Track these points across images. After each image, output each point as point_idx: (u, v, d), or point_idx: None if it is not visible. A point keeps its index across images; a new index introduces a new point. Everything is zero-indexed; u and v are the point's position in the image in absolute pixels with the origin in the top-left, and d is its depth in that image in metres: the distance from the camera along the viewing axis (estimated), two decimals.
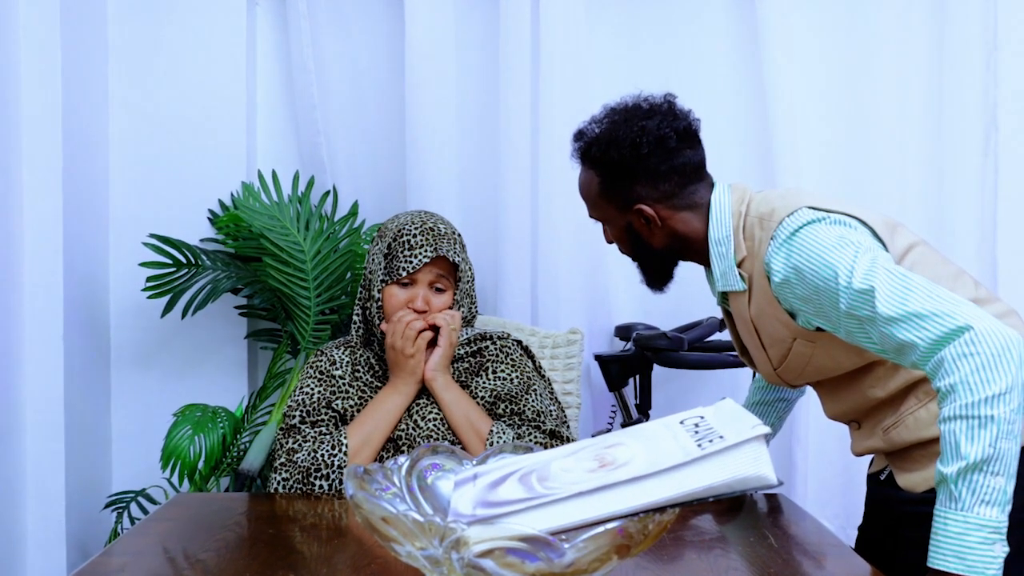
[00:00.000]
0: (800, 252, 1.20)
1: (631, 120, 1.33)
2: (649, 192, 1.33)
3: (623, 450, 0.89)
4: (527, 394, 1.53)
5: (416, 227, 1.51)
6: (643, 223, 1.35)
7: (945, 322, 1.05)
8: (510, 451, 1.03)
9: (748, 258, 1.30)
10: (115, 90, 2.20)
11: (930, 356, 1.06)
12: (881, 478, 1.36)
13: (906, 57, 2.17)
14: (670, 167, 1.32)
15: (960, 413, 1.01)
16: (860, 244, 1.16)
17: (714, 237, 1.33)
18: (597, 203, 1.39)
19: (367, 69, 2.27)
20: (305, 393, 1.51)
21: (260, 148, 2.31)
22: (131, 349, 2.23)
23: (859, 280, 1.12)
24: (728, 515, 1.34)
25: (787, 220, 1.23)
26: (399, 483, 0.96)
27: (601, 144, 1.34)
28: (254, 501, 1.45)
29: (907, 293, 1.08)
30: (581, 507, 0.83)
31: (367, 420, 1.46)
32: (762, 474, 0.82)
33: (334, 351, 1.56)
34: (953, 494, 1.00)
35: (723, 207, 1.33)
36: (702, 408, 0.94)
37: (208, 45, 2.21)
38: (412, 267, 1.48)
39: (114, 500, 2.07)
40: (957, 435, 1.01)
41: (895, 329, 1.08)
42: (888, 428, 1.30)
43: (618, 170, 1.33)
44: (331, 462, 1.42)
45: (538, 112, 2.15)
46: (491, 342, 1.58)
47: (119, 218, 2.21)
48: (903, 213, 2.12)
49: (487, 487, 0.90)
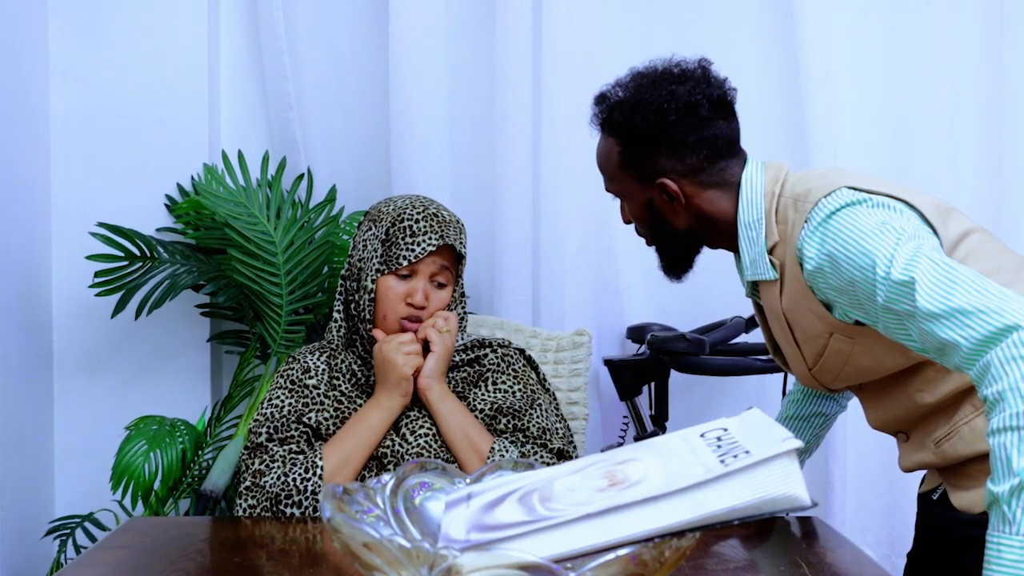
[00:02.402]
0: (836, 237, 1.20)
1: (660, 84, 1.34)
2: (674, 165, 1.35)
3: (636, 467, 0.89)
4: (531, 409, 1.53)
5: (418, 211, 1.51)
6: (665, 200, 1.36)
7: (992, 320, 1.04)
8: (509, 468, 1.04)
9: (780, 244, 1.30)
10: (56, 58, 2.20)
11: (974, 359, 1.06)
12: (934, 498, 1.35)
13: (961, 28, 2.16)
14: (699, 138, 1.34)
15: (1011, 424, 1.01)
16: (903, 231, 1.17)
17: (744, 220, 1.33)
18: (616, 175, 1.40)
19: (346, 36, 2.27)
20: (274, 406, 1.51)
21: (224, 125, 2.30)
22: (77, 353, 2.23)
23: (899, 271, 1.12)
24: (755, 540, 1.35)
25: (824, 201, 1.24)
26: (383, 504, 0.96)
27: (625, 108, 1.35)
28: (218, 526, 1.45)
29: (952, 286, 1.08)
30: (589, 531, 0.84)
31: (346, 439, 1.46)
32: (794, 494, 0.82)
33: (308, 357, 1.56)
34: (1007, 516, 1.00)
35: (755, 187, 1.33)
36: (725, 419, 0.95)
37: (163, 6, 2.20)
38: (415, 256, 1.48)
39: (57, 526, 2.07)
40: (1008, 449, 1.00)
41: (936, 326, 1.09)
42: (940, 440, 1.30)
43: (641, 138, 1.34)
44: (303, 487, 1.41)
45: (540, 85, 2.15)
46: (491, 350, 1.59)
47: (62, 205, 2.21)
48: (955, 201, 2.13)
49: (482, 509, 0.91)
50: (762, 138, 2.19)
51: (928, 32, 2.18)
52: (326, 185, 2.27)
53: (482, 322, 2.00)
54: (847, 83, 2.19)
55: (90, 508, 2.15)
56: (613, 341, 2.26)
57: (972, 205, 2.15)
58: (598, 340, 2.19)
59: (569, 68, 2.14)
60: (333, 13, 2.27)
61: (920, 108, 2.19)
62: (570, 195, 2.15)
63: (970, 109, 2.17)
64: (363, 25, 2.26)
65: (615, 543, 0.82)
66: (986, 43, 2.17)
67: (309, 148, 2.27)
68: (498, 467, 1.05)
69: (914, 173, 2.19)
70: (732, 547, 1.32)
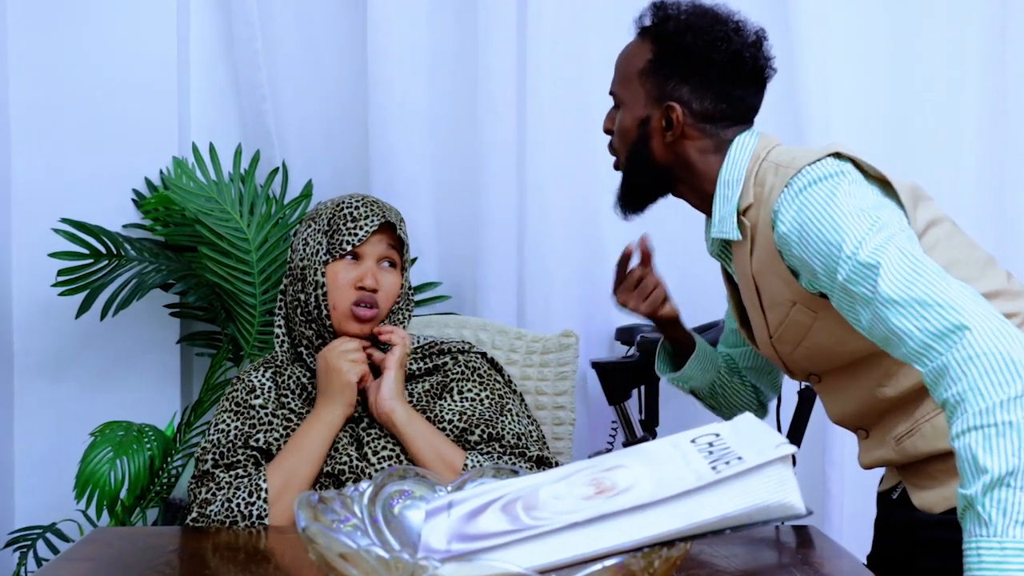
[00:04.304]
0: (813, 206, 1.24)
1: (719, 23, 1.40)
2: (692, 100, 1.39)
3: (625, 473, 0.90)
4: (502, 416, 1.54)
5: (358, 200, 1.57)
6: (662, 126, 1.41)
7: (948, 316, 1.08)
8: (491, 475, 1.04)
9: (754, 206, 1.35)
10: (14, 45, 2.18)
11: (922, 352, 1.09)
12: (893, 497, 1.39)
13: (961, 18, 2.16)
14: (725, 91, 1.39)
15: (974, 423, 1.02)
16: (879, 219, 1.20)
17: (724, 177, 1.38)
18: (630, 79, 1.44)
19: (322, 23, 2.26)
20: (220, 431, 1.51)
21: (194, 116, 2.29)
22: (39, 356, 2.22)
23: (867, 253, 1.16)
24: (749, 550, 1.35)
25: (808, 168, 1.28)
26: (360, 513, 0.96)
27: (680, 23, 1.40)
28: (187, 536, 1.44)
29: (916, 277, 1.12)
30: (575, 541, 0.84)
31: (288, 457, 1.46)
32: (788, 501, 0.83)
33: (253, 375, 1.57)
34: (982, 517, 1.00)
35: (744, 149, 1.38)
36: (717, 424, 0.95)
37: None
38: (359, 239, 1.52)
39: (17, 537, 2.06)
40: (974, 449, 1.02)
41: (891, 313, 1.12)
42: (901, 437, 1.33)
43: (680, 58, 1.39)
44: (248, 512, 1.42)
45: (525, 75, 2.15)
46: (450, 357, 1.59)
47: (23, 200, 2.19)
48: (956, 201, 2.14)
49: (464, 518, 0.91)
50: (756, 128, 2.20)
51: (928, 23, 2.19)
52: (302, 179, 2.27)
53: (464, 323, 2.00)
54: (844, 75, 2.20)
55: (52, 518, 2.14)
56: (601, 343, 2.26)
57: (973, 200, 2.16)
58: (586, 342, 2.19)
59: (555, 56, 2.14)
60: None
61: (919, 100, 2.20)
62: (557, 191, 2.15)
63: (971, 101, 2.18)
64: (340, 12, 2.26)
65: (602, 553, 0.83)
66: (988, 34, 2.18)
67: (284, 141, 2.26)
68: (480, 474, 1.05)
69: (913, 166, 2.19)
70: (724, 557, 1.32)
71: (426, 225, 2.22)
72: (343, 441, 1.50)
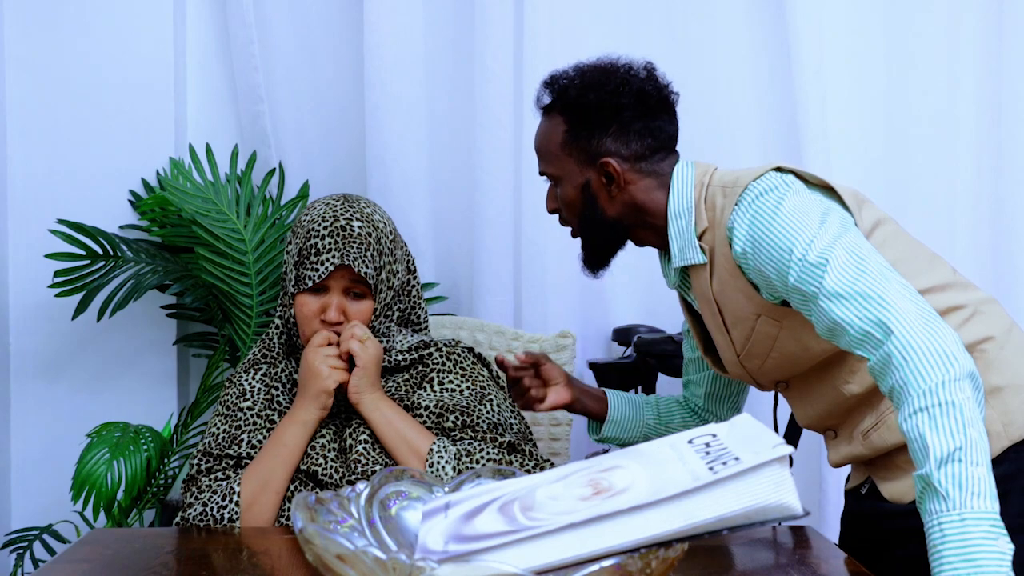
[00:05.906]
0: (762, 217, 1.30)
1: (612, 71, 1.46)
2: (619, 148, 1.44)
3: (622, 474, 0.90)
4: (480, 405, 1.53)
5: (326, 226, 1.49)
6: (603, 183, 1.45)
7: (883, 309, 1.14)
8: (488, 476, 1.04)
9: (709, 229, 1.39)
10: (11, 46, 2.18)
11: (862, 340, 1.16)
12: (862, 492, 1.43)
13: (958, 18, 2.16)
14: (645, 127, 1.44)
15: (919, 406, 1.08)
16: (826, 220, 1.26)
17: (674, 209, 1.42)
18: (556, 155, 1.47)
19: (319, 24, 2.26)
20: (212, 435, 1.52)
21: (191, 117, 2.29)
22: (35, 357, 2.22)
23: (815, 253, 1.22)
24: (746, 551, 1.36)
25: (752, 184, 1.34)
26: (357, 514, 0.96)
27: (578, 87, 1.44)
28: (184, 537, 1.44)
29: (860, 273, 1.19)
30: (572, 541, 0.84)
31: (264, 460, 1.46)
32: (785, 502, 0.83)
33: (243, 377, 1.56)
34: (940, 492, 1.04)
35: (686, 179, 1.43)
36: (714, 425, 0.95)
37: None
38: (318, 276, 1.48)
39: (14, 539, 2.06)
40: (921, 429, 1.07)
41: (833, 305, 1.19)
42: (868, 431, 1.38)
43: (592, 116, 1.43)
44: (220, 515, 1.42)
45: (522, 74, 2.15)
46: (435, 349, 1.59)
47: (19, 200, 2.19)
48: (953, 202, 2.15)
49: (461, 518, 0.91)
50: (753, 131, 2.21)
51: (924, 23, 2.19)
52: (298, 181, 2.27)
53: (462, 323, 2.00)
54: (841, 75, 2.20)
55: (49, 519, 2.14)
56: (598, 343, 2.26)
57: (971, 200, 2.17)
58: (582, 342, 2.20)
59: (552, 56, 2.13)
60: (305, 1, 2.26)
61: (916, 101, 2.20)
62: None
63: (968, 102, 2.18)
64: (337, 13, 2.26)
65: (599, 554, 0.83)
66: (984, 34, 2.18)
67: (280, 142, 2.26)
68: (477, 475, 1.05)
69: (910, 169, 2.20)
70: (721, 558, 1.32)
71: (423, 226, 2.22)
72: (327, 437, 1.50)
